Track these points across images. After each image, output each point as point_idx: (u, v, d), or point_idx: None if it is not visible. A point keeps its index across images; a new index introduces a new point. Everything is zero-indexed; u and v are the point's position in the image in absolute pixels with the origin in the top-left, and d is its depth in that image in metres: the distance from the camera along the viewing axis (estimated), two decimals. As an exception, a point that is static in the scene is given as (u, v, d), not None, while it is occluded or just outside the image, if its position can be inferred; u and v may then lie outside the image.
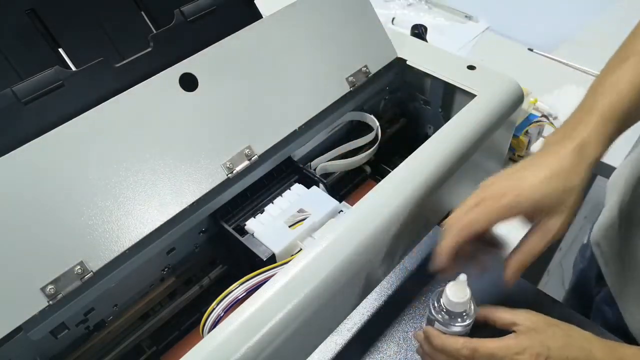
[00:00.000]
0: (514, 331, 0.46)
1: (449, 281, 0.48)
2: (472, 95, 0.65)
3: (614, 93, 0.46)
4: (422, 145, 0.57)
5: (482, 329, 0.50)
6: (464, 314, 0.48)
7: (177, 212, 0.51)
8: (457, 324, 0.48)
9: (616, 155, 0.89)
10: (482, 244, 0.49)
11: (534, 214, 0.45)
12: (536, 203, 0.43)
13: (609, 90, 0.46)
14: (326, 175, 0.68)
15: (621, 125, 0.46)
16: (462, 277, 0.47)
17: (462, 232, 0.45)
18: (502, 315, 0.48)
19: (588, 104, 0.47)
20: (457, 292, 0.47)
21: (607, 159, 0.89)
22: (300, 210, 0.58)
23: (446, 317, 0.48)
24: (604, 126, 0.45)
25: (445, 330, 0.49)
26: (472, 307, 0.49)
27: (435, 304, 0.49)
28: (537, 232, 0.45)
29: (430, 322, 0.50)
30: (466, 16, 1.26)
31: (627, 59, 0.47)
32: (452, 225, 0.46)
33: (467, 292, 0.47)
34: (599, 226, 0.70)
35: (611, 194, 0.70)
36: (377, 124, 0.69)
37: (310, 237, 0.56)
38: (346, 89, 0.64)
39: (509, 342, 0.45)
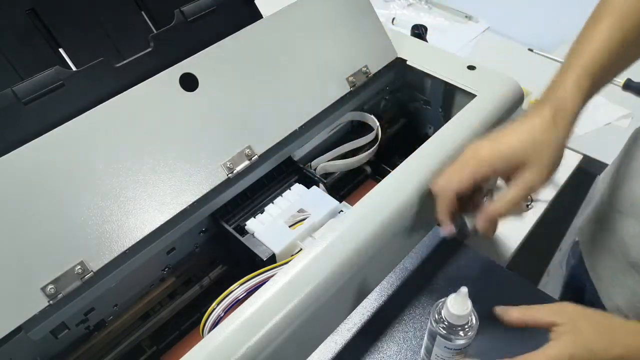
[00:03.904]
0: (551, 331, 0.45)
1: (450, 293, 0.48)
2: (472, 96, 0.65)
3: (588, 52, 0.48)
4: (422, 145, 0.57)
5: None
6: (466, 326, 0.48)
7: (177, 212, 0.51)
8: (458, 337, 0.48)
9: (615, 155, 0.89)
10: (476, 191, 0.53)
11: (510, 170, 0.48)
12: (509, 157, 0.47)
13: (584, 50, 0.48)
14: (326, 175, 0.68)
15: (597, 80, 0.48)
16: (463, 289, 0.46)
17: (451, 195, 0.50)
18: (540, 316, 0.46)
19: (565, 66, 0.49)
20: (458, 304, 0.47)
21: (605, 158, 0.90)
22: (301, 210, 0.58)
23: (447, 329, 0.48)
24: (580, 83, 0.47)
25: (447, 343, 0.48)
26: (474, 319, 0.48)
27: (437, 316, 0.49)
28: (513, 184, 0.48)
29: (432, 334, 0.50)
30: (466, 16, 1.26)
31: (600, 20, 0.49)
32: (440, 191, 0.51)
33: (469, 305, 0.47)
34: (585, 215, 0.72)
35: (599, 188, 0.70)
36: (377, 124, 0.69)
37: (310, 237, 0.56)
38: (346, 89, 0.64)
39: (551, 352, 0.43)
